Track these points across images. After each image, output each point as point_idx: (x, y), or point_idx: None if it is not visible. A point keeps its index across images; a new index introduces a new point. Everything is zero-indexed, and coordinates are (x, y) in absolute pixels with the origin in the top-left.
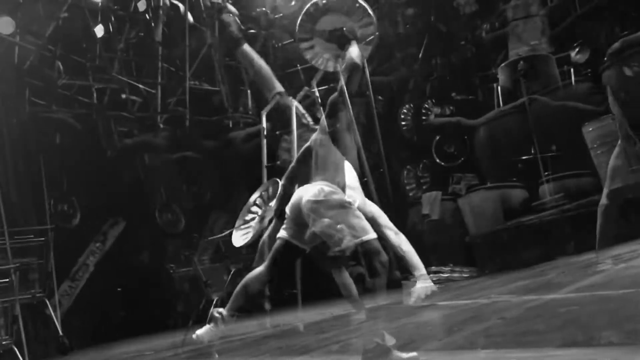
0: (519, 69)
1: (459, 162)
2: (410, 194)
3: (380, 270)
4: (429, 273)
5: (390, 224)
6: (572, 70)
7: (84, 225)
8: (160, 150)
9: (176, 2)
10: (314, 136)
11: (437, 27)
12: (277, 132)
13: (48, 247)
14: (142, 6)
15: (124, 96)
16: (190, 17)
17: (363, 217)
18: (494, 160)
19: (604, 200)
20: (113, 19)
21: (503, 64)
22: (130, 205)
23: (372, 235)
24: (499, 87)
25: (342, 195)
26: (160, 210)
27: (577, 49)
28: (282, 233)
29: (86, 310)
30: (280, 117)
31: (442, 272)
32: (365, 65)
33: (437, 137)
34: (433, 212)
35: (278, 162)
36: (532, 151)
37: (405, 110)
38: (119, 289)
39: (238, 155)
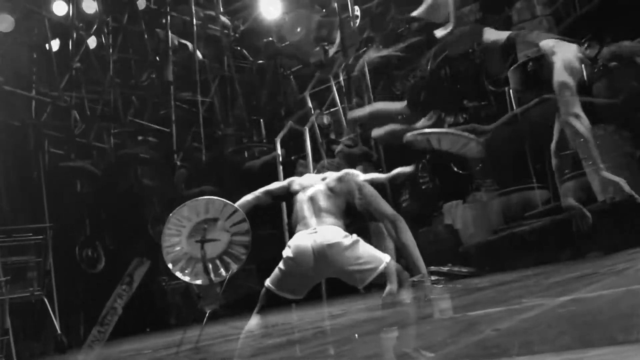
0: (528, 70)
1: (477, 169)
2: (404, 205)
3: (404, 283)
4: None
5: (386, 208)
6: (583, 66)
7: (109, 269)
8: (178, 188)
9: (184, 41)
10: (304, 182)
11: (443, 37)
12: (293, 158)
13: (46, 245)
14: (142, 4)
15: (140, 138)
16: (199, 54)
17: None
18: (509, 163)
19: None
20: (106, 30)
21: (513, 67)
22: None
23: (387, 257)
24: (511, 91)
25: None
26: (152, 222)
27: (585, 44)
28: (272, 286)
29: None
30: None
31: (441, 271)
32: None
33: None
34: (455, 222)
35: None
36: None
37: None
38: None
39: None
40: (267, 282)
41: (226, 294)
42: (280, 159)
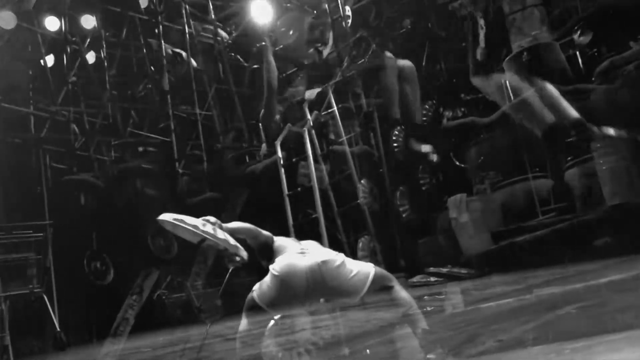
0: (523, 61)
1: (479, 162)
2: (404, 215)
3: (393, 282)
4: (427, 273)
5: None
6: (577, 53)
7: (118, 280)
8: (183, 196)
9: (178, 50)
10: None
11: (436, 34)
12: (294, 160)
13: (46, 242)
14: (144, 3)
15: (140, 149)
16: (193, 62)
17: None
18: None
19: None
20: (105, 45)
21: (508, 58)
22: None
23: (370, 264)
24: (507, 81)
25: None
26: (153, 236)
27: (579, 31)
28: (259, 302)
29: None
30: None
31: (441, 272)
32: None
33: (453, 140)
34: (460, 215)
35: (299, 189)
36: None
37: (396, 132)
38: None
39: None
40: (255, 296)
41: (226, 306)
42: (282, 162)
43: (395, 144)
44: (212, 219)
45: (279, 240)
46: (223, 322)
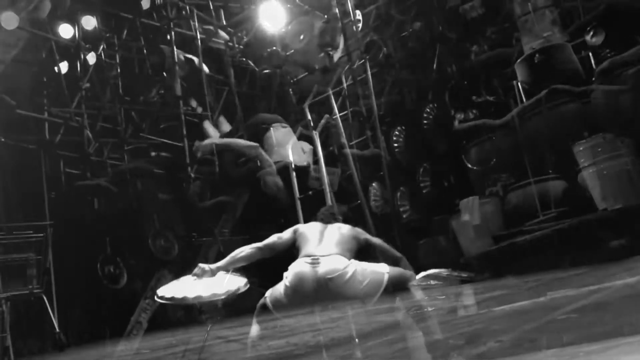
0: (535, 62)
1: (491, 164)
2: (404, 216)
3: (410, 281)
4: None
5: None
6: (590, 54)
7: (131, 284)
8: (194, 200)
9: (190, 56)
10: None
11: (447, 36)
12: (306, 163)
13: (46, 243)
14: (146, 4)
15: (153, 154)
16: (205, 68)
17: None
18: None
19: None
20: (105, 46)
21: (519, 60)
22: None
23: (385, 267)
24: (519, 84)
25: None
26: (153, 237)
27: (591, 32)
28: (271, 306)
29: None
30: None
31: (441, 274)
32: None
33: (464, 142)
34: (473, 218)
35: (310, 192)
36: None
37: (397, 132)
38: None
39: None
40: (268, 301)
41: (227, 307)
42: (293, 165)
43: (395, 145)
44: (201, 269)
45: (304, 233)
46: (223, 324)
